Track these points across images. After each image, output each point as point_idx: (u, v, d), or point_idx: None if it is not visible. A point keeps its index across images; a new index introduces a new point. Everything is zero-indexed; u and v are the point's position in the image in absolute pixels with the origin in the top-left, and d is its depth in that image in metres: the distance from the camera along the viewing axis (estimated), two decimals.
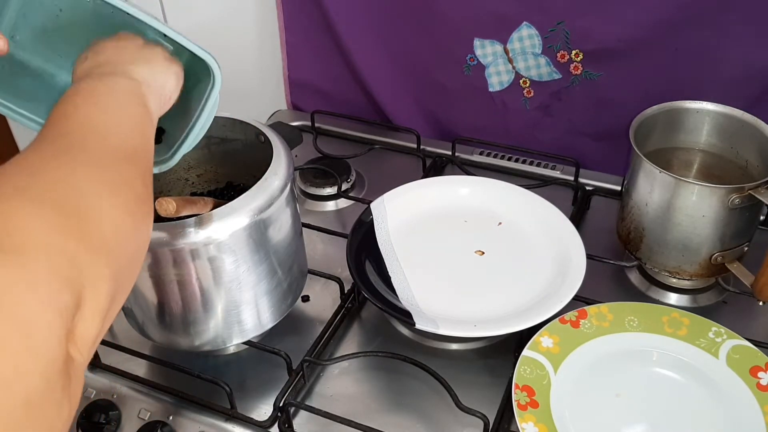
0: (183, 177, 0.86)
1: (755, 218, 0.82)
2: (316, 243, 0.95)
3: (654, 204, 0.82)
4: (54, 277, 0.37)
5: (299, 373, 0.77)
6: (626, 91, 1.00)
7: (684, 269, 0.84)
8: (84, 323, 0.38)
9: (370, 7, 1.09)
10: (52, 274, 0.37)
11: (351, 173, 1.06)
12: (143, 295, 0.72)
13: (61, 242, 0.39)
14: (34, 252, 0.37)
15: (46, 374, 0.35)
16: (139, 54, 0.59)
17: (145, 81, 0.56)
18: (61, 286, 0.37)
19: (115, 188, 0.46)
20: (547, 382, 0.73)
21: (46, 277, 0.37)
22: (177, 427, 0.75)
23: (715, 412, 0.71)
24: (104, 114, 0.51)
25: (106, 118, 0.50)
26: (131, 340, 0.81)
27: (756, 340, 0.76)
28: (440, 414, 0.75)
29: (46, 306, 0.36)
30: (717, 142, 0.88)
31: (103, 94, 0.53)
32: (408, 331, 0.84)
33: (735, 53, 0.92)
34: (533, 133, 1.10)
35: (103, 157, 0.47)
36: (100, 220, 0.43)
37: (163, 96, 0.59)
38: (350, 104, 1.20)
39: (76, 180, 0.43)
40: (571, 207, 0.99)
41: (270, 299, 0.77)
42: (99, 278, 0.40)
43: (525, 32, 1.01)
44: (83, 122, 0.49)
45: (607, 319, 0.79)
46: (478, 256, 0.87)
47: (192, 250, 0.68)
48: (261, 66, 1.26)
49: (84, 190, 0.43)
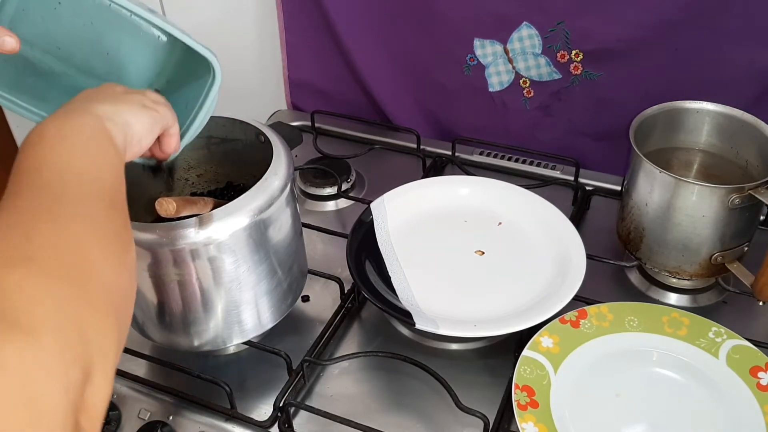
0: (183, 177, 0.86)
1: (755, 218, 0.82)
2: (316, 243, 0.95)
3: (654, 204, 0.82)
4: (64, 354, 0.37)
5: (299, 373, 0.77)
6: (626, 91, 1.00)
7: (684, 269, 0.84)
8: (94, 392, 0.38)
9: (370, 7, 1.09)
10: (63, 351, 0.37)
11: (351, 173, 1.06)
12: (143, 295, 0.72)
13: (70, 314, 0.39)
14: (44, 328, 0.37)
15: None
16: (111, 97, 0.59)
17: (106, 116, 0.55)
18: (71, 362, 0.37)
19: (107, 240, 0.46)
20: (547, 382, 0.73)
21: (56, 355, 0.36)
22: (177, 427, 0.75)
23: (715, 412, 0.71)
24: (76, 156, 0.50)
25: (78, 161, 0.50)
26: (131, 340, 0.81)
27: (756, 340, 0.76)
28: (440, 414, 0.75)
29: (55, 385, 0.36)
30: (717, 142, 0.88)
31: (70, 134, 0.52)
32: (408, 331, 0.84)
33: (735, 53, 0.92)
34: (533, 133, 1.10)
35: (88, 207, 0.47)
36: (101, 279, 0.43)
37: (129, 135, 0.57)
38: (350, 104, 1.20)
39: (71, 239, 0.43)
40: (571, 207, 0.99)
41: (270, 299, 0.77)
42: (108, 342, 0.41)
43: (525, 32, 1.01)
44: (58, 168, 0.48)
45: (607, 319, 0.79)
46: (478, 256, 0.87)
47: (192, 250, 0.68)
48: (261, 66, 1.26)
49: (80, 249, 0.43)
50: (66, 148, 0.50)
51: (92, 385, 0.38)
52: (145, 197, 0.82)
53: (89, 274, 0.42)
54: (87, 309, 0.40)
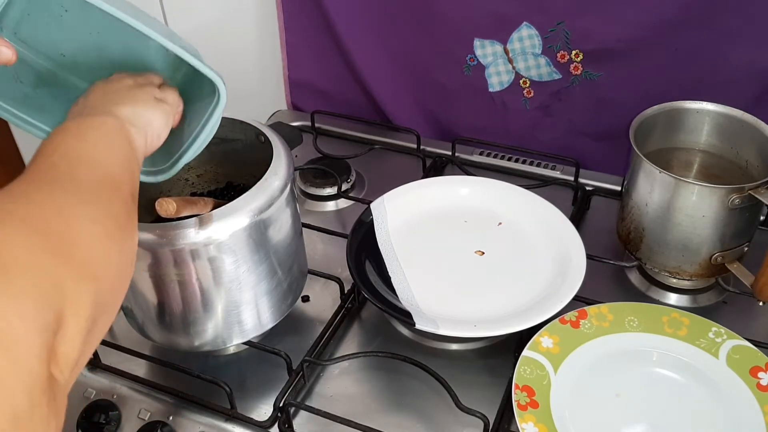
0: (183, 177, 0.86)
1: (755, 218, 0.82)
2: (316, 243, 0.95)
3: (654, 204, 0.82)
4: (37, 295, 0.38)
5: (299, 374, 0.77)
6: (626, 91, 1.00)
7: (684, 269, 0.84)
8: (65, 344, 0.39)
9: (370, 7, 1.09)
10: (35, 292, 0.38)
11: (351, 173, 1.06)
12: (143, 295, 0.72)
13: (45, 263, 0.40)
14: (19, 270, 0.38)
15: (31, 391, 0.35)
16: (127, 95, 0.61)
17: (128, 119, 0.58)
18: (43, 304, 0.38)
19: (99, 216, 0.47)
20: (547, 383, 0.73)
21: (29, 295, 0.37)
22: (177, 427, 0.75)
23: (715, 412, 0.71)
24: (91, 148, 0.53)
25: (93, 152, 0.52)
26: (131, 340, 0.81)
27: (756, 340, 0.76)
28: (440, 414, 0.75)
29: (28, 323, 0.36)
30: (717, 143, 0.88)
31: (90, 129, 0.55)
32: (408, 331, 0.84)
33: (735, 53, 0.92)
34: (533, 133, 1.10)
35: (89, 187, 0.49)
36: (83, 244, 0.44)
37: (149, 134, 0.60)
38: (350, 104, 1.20)
39: (61, 206, 0.45)
40: (571, 207, 0.99)
41: (270, 299, 0.77)
42: (81, 300, 0.41)
43: (525, 32, 1.01)
44: (71, 155, 0.51)
45: (607, 320, 0.79)
46: (478, 256, 0.87)
47: (192, 250, 0.68)
48: (261, 66, 1.26)
49: (68, 215, 0.45)
50: (83, 141, 0.53)
51: (63, 338, 0.39)
52: (145, 197, 0.81)
53: (71, 238, 0.43)
54: (63, 265, 0.41)
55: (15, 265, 0.38)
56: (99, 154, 0.53)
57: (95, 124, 0.56)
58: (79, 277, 0.42)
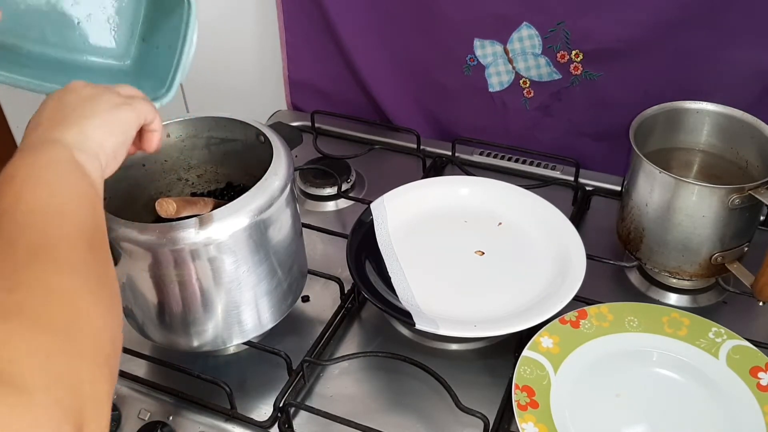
0: (183, 177, 0.86)
1: (755, 218, 0.82)
2: (316, 243, 0.95)
3: (654, 204, 0.82)
4: (56, 411, 0.36)
5: (299, 374, 0.77)
6: (626, 91, 1.00)
7: (684, 269, 0.84)
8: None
9: (370, 7, 1.09)
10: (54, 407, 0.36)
11: (351, 173, 1.06)
12: (143, 295, 0.72)
13: (62, 368, 0.38)
14: (35, 384, 0.36)
15: None
16: (79, 110, 0.56)
17: (75, 145, 0.53)
18: (62, 418, 0.36)
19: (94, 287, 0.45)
20: (547, 383, 0.73)
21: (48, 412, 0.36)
22: (177, 427, 0.75)
23: (715, 412, 0.71)
24: (52, 195, 0.48)
25: (56, 201, 0.48)
26: (131, 340, 0.81)
27: (756, 340, 0.76)
28: (440, 414, 0.75)
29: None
30: (717, 143, 0.88)
31: (44, 169, 0.50)
32: (408, 331, 0.84)
33: (735, 53, 0.92)
34: (533, 133, 1.10)
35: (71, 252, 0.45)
36: (91, 328, 0.42)
37: (102, 157, 0.55)
38: (350, 104, 1.20)
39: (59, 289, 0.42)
40: (571, 207, 0.99)
41: (270, 299, 0.77)
42: (101, 390, 0.40)
43: (525, 32, 1.01)
44: (37, 210, 0.47)
45: (607, 320, 0.79)
46: (478, 256, 0.87)
47: (192, 250, 0.68)
48: (261, 66, 1.26)
49: (69, 298, 0.42)
50: (41, 188, 0.48)
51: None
52: (145, 197, 0.82)
53: (79, 325, 0.41)
54: (78, 361, 0.40)
55: (32, 379, 0.36)
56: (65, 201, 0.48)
57: (47, 159, 0.51)
58: (94, 368, 0.40)
